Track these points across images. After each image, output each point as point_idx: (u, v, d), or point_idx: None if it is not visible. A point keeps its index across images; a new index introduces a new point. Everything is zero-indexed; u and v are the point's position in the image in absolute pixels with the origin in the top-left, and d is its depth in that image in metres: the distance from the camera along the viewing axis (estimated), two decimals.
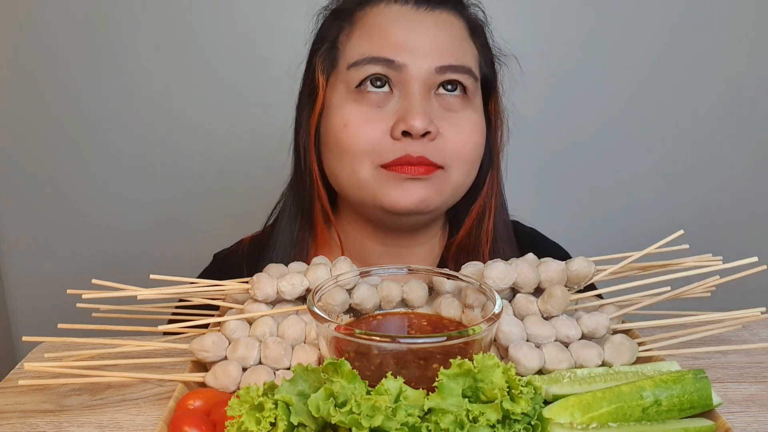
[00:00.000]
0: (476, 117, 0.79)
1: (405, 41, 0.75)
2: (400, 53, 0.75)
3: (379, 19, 0.78)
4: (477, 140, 0.79)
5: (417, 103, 0.74)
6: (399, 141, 0.74)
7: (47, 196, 1.58)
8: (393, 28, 0.76)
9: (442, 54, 0.76)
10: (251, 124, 1.51)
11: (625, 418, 0.49)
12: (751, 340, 0.66)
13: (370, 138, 0.75)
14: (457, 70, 0.76)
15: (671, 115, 1.55)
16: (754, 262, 0.60)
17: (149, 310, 0.69)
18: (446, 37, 0.77)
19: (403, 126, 0.73)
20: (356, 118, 0.75)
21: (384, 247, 0.86)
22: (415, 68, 0.75)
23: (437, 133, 0.75)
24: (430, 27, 0.77)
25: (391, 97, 0.76)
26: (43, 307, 1.52)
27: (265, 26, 1.48)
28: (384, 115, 0.75)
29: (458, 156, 0.77)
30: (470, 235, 0.85)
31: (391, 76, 0.75)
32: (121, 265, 1.58)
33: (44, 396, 0.59)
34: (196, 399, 0.54)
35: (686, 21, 1.49)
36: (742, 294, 0.79)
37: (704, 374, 0.51)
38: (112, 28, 1.48)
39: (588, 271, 0.62)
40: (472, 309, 0.58)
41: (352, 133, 0.75)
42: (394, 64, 0.74)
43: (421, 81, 0.75)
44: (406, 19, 0.77)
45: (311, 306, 0.52)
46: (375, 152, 0.75)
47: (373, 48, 0.76)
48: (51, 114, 1.53)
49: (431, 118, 0.74)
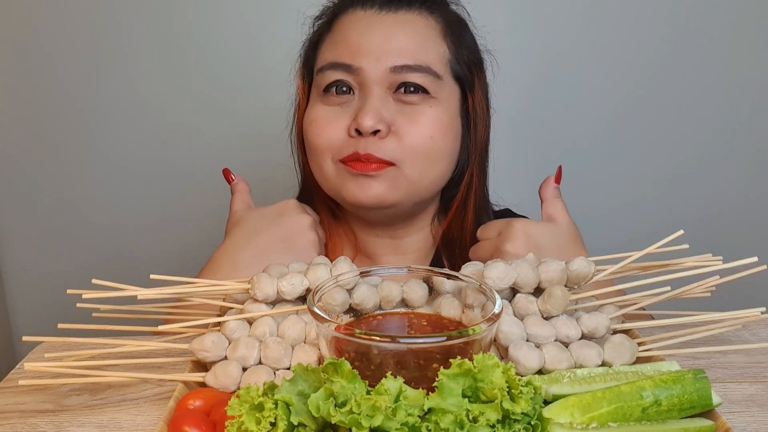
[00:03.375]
0: (435, 113, 0.81)
1: (361, 45, 0.80)
2: (356, 58, 0.80)
3: (345, 26, 0.83)
4: (433, 135, 0.81)
5: (369, 103, 0.79)
6: (353, 138, 0.80)
7: (47, 196, 1.58)
8: (352, 33, 0.82)
9: (398, 54, 0.80)
10: (251, 124, 1.51)
11: (625, 418, 0.49)
12: (751, 340, 0.66)
13: (330, 135, 0.81)
14: (413, 70, 0.80)
15: (672, 116, 1.55)
16: (754, 262, 0.60)
17: (149, 310, 0.69)
18: (405, 37, 0.81)
19: (355, 125, 0.79)
20: (320, 117, 0.82)
21: (379, 237, 0.90)
22: (370, 70, 0.79)
23: (388, 131, 0.79)
24: (389, 28, 0.81)
25: (353, 98, 0.81)
26: (43, 307, 1.52)
27: (264, 27, 1.48)
28: (344, 114, 0.81)
29: (412, 151, 0.80)
30: (452, 228, 0.89)
31: (351, 79, 0.81)
32: (121, 265, 1.58)
33: (44, 396, 0.59)
34: (196, 399, 0.54)
35: (688, 21, 1.49)
36: (742, 294, 0.79)
37: (704, 374, 0.51)
38: (111, 28, 1.48)
39: (588, 271, 0.62)
40: (472, 309, 0.58)
41: (316, 132, 0.82)
42: (351, 68, 0.80)
43: (377, 82, 0.80)
44: (365, 23, 0.82)
45: (311, 306, 0.52)
46: (333, 148, 0.81)
47: (335, 54, 0.82)
48: (51, 114, 1.53)
49: (382, 116, 0.78)
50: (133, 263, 1.56)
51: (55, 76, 1.51)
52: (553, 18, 1.50)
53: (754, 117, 1.54)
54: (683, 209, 1.56)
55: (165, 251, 1.57)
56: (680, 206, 1.57)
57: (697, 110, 1.54)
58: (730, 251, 0.65)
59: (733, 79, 1.52)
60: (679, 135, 1.56)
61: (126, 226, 1.59)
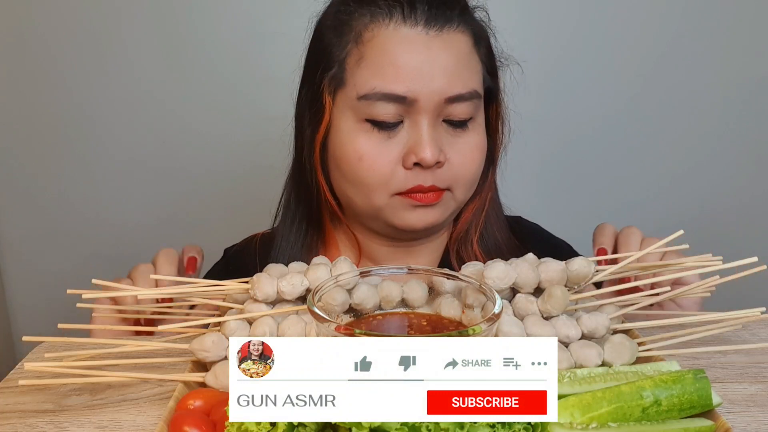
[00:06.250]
0: (479, 139, 0.81)
1: (415, 75, 0.74)
2: (410, 88, 0.74)
3: (388, 47, 0.76)
4: (480, 161, 0.82)
5: (427, 135, 0.75)
6: (410, 170, 0.77)
7: (47, 195, 1.58)
8: (403, 58, 0.75)
9: (450, 83, 0.75)
10: (252, 124, 1.51)
11: (624, 418, 0.49)
12: (751, 340, 0.66)
13: (384, 171, 0.77)
14: (464, 99, 0.77)
15: (672, 116, 1.55)
16: (754, 262, 0.60)
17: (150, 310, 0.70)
18: (455, 61, 0.77)
19: (415, 158, 0.75)
20: (370, 151, 0.77)
21: (390, 247, 0.87)
22: (425, 101, 0.75)
23: (446, 161, 0.77)
24: (440, 54, 0.76)
25: (401, 127, 0.77)
26: (43, 307, 1.52)
27: (267, 27, 1.48)
28: (395, 145, 0.77)
29: (462, 178, 0.80)
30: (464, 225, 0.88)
31: (401, 111, 0.76)
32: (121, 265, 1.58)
33: (44, 396, 0.59)
34: (196, 399, 0.54)
35: (686, 21, 1.49)
36: (742, 294, 0.79)
37: (704, 374, 0.51)
38: (113, 27, 1.48)
39: (588, 271, 0.62)
40: (472, 309, 0.58)
41: (367, 166, 0.77)
42: (406, 101, 0.75)
43: (430, 112, 0.76)
44: (416, 47, 0.76)
45: (311, 306, 0.52)
46: (389, 183, 0.77)
47: (383, 81, 0.75)
48: (51, 114, 1.53)
49: (440, 147, 0.76)
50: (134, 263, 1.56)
51: (56, 74, 1.51)
52: (553, 19, 1.50)
53: (754, 117, 1.55)
54: (683, 209, 1.56)
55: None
56: (680, 206, 1.57)
57: (697, 110, 1.54)
58: (730, 251, 0.65)
59: (733, 79, 1.52)
60: (679, 135, 1.56)
61: (126, 226, 1.59)
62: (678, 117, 1.54)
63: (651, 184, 1.58)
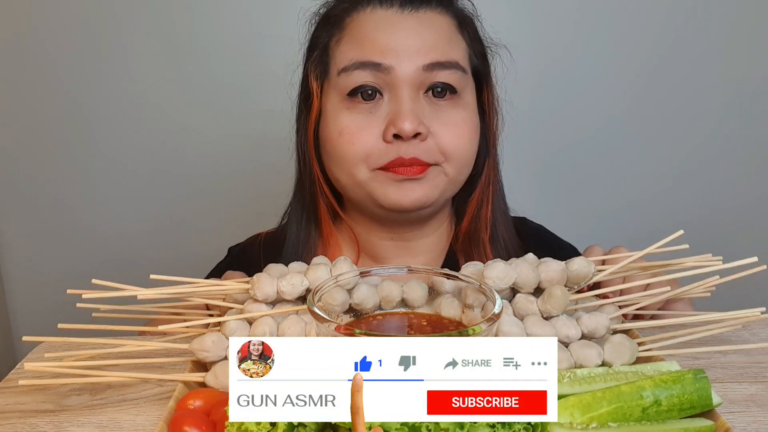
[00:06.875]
0: (466, 114, 0.81)
1: (390, 44, 0.77)
2: (386, 56, 0.77)
3: (365, 24, 0.80)
4: (469, 136, 0.81)
5: (405, 105, 0.76)
6: (391, 144, 0.77)
7: (47, 196, 1.58)
8: (379, 32, 0.79)
9: (428, 52, 0.78)
10: (251, 125, 1.50)
11: (624, 418, 0.49)
12: (751, 340, 0.66)
13: (364, 144, 0.78)
14: (444, 66, 0.78)
15: (672, 115, 1.54)
16: (754, 262, 0.60)
17: (149, 310, 0.70)
18: (432, 35, 0.79)
19: (394, 129, 0.76)
20: (350, 126, 0.79)
21: (391, 241, 0.87)
22: (402, 70, 0.77)
23: (428, 132, 0.77)
24: (415, 28, 0.79)
25: (382, 102, 0.78)
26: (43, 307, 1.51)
27: (266, 27, 1.48)
28: (375, 120, 0.78)
29: (451, 153, 0.79)
30: (472, 223, 0.87)
31: (379, 81, 0.78)
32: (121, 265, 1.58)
33: (44, 396, 0.59)
34: (196, 399, 0.54)
35: (688, 19, 1.49)
36: (742, 294, 0.79)
37: (704, 374, 0.51)
38: (112, 29, 1.48)
39: (588, 271, 0.62)
40: (472, 309, 0.58)
41: (347, 141, 0.79)
42: (381, 67, 0.77)
43: (409, 82, 0.77)
44: (391, 22, 0.79)
45: (311, 306, 0.52)
46: (370, 157, 0.78)
47: (360, 53, 0.78)
48: (51, 115, 1.53)
49: (420, 119, 0.76)
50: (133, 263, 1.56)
51: (55, 75, 1.51)
52: (553, 15, 1.50)
53: (754, 117, 1.54)
54: (683, 209, 1.56)
55: (165, 251, 1.57)
56: (680, 206, 1.57)
57: (697, 110, 1.54)
58: (730, 251, 0.65)
59: (733, 79, 1.52)
60: (679, 135, 1.56)
61: (126, 227, 1.59)
62: (678, 117, 1.54)
63: (651, 184, 1.58)
